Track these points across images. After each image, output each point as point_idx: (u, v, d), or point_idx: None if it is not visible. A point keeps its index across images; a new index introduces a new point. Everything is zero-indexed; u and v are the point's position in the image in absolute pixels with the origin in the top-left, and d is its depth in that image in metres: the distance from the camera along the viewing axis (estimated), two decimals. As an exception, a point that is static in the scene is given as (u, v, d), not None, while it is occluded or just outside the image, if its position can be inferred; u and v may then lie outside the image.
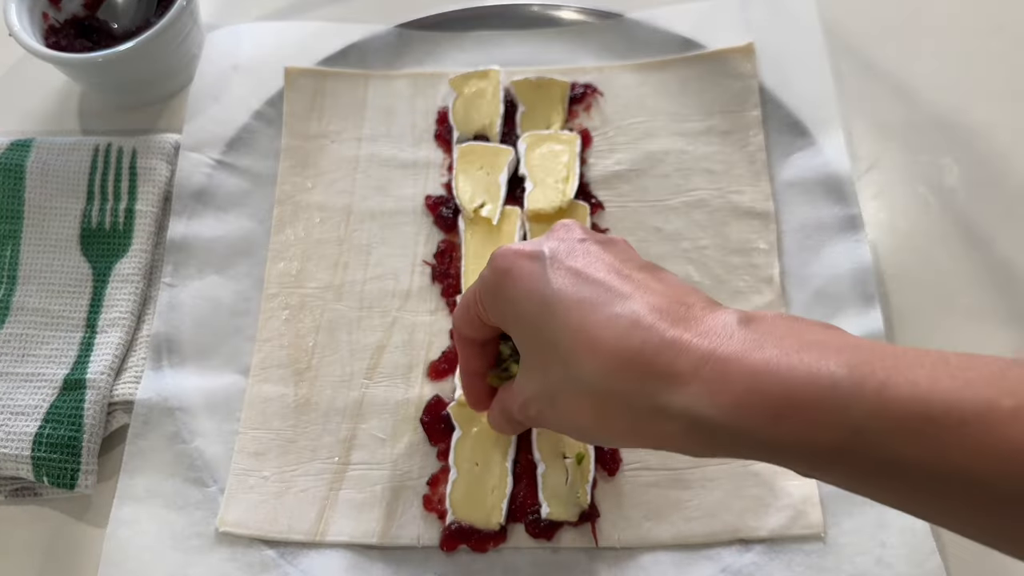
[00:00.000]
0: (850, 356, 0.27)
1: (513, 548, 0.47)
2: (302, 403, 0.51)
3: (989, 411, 0.25)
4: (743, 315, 0.30)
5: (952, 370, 0.26)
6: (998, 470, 0.24)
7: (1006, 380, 0.25)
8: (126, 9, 0.62)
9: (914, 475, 0.26)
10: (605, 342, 0.30)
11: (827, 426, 0.26)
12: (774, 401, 0.27)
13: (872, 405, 0.26)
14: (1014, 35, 0.61)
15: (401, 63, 0.63)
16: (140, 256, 0.55)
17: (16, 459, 0.48)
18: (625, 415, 0.31)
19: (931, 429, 0.25)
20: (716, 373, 0.28)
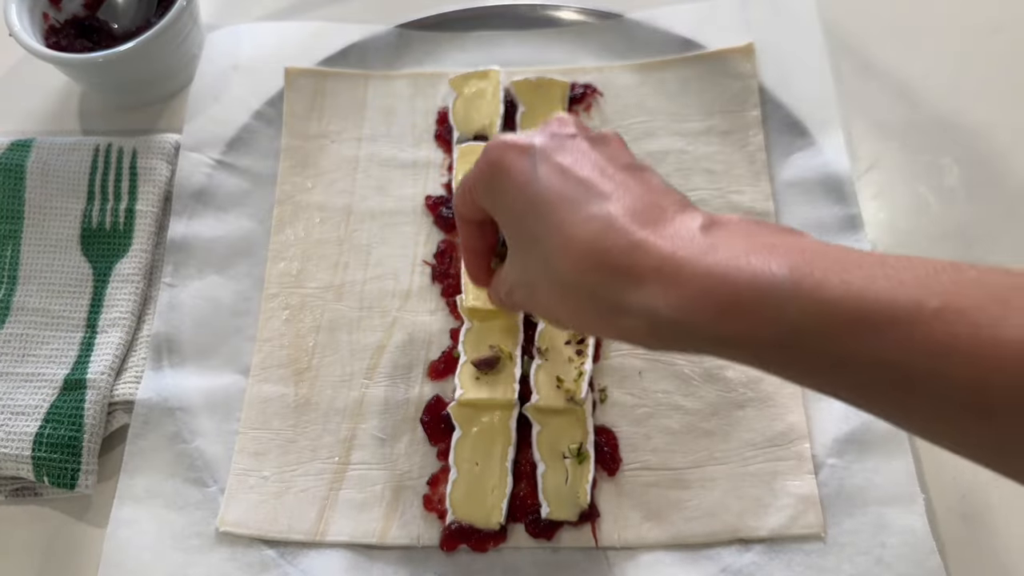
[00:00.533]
0: (793, 258, 0.29)
1: (513, 548, 0.47)
2: (302, 403, 0.51)
3: (916, 309, 0.26)
4: (708, 219, 0.32)
5: (887, 271, 0.27)
6: (922, 367, 0.26)
7: (936, 282, 0.27)
8: (126, 9, 0.62)
9: (849, 371, 0.28)
10: (579, 241, 0.32)
11: (767, 323, 0.28)
12: (720, 300, 0.29)
13: (807, 304, 0.27)
14: (1014, 35, 0.61)
15: (401, 63, 0.63)
16: (140, 256, 0.55)
17: (16, 459, 0.48)
18: (593, 310, 0.33)
19: (861, 327, 0.27)
20: (671, 274, 0.30)
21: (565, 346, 0.51)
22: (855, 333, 0.27)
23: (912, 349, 0.26)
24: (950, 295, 0.26)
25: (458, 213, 0.42)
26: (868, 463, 0.47)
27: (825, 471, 0.47)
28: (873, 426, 0.47)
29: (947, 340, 0.26)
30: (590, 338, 0.51)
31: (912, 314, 0.26)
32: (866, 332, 0.27)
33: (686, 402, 0.50)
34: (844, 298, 0.27)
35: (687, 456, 0.49)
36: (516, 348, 0.51)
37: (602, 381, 0.51)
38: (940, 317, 0.26)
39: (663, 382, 0.51)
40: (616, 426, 0.50)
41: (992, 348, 0.25)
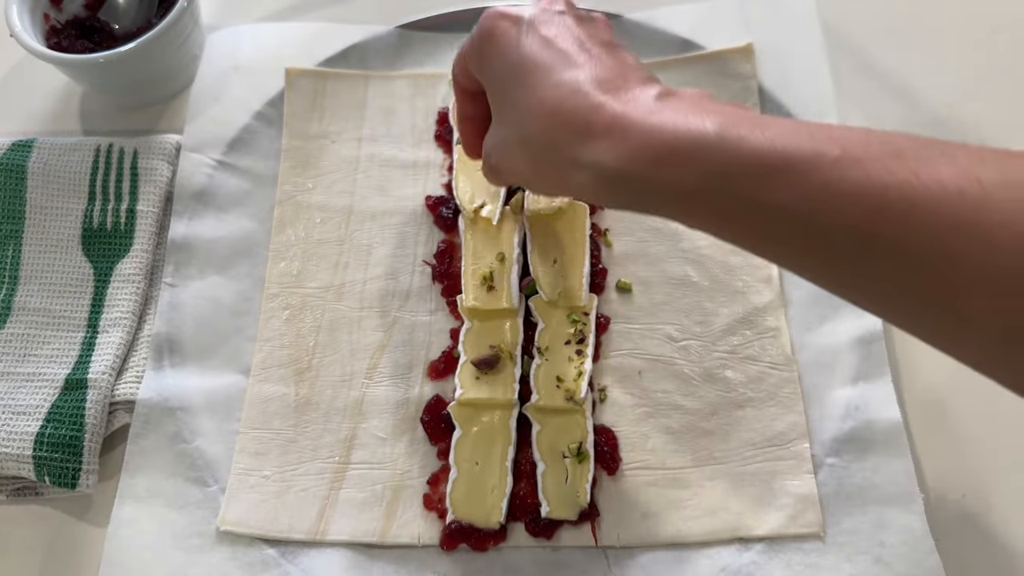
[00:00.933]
0: (726, 118, 0.31)
1: (513, 547, 0.47)
2: (303, 403, 0.51)
3: (817, 158, 0.29)
4: (664, 90, 0.35)
5: (805, 129, 0.30)
6: (815, 209, 0.29)
7: (843, 137, 0.29)
8: (127, 10, 0.62)
9: (756, 216, 0.30)
10: (547, 102, 0.35)
11: (692, 171, 0.31)
12: (656, 151, 0.32)
13: (727, 153, 0.30)
14: (1013, 35, 0.62)
15: (401, 64, 0.63)
16: (141, 256, 0.55)
17: (18, 459, 0.48)
18: (553, 166, 0.36)
19: (767, 172, 0.30)
20: (620, 131, 0.33)
21: (565, 346, 0.51)
22: (762, 178, 0.30)
23: (808, 193, 0.29)
24: (851, 147, 0.29)
25: (455, 82, 0.45)
26: (867, 463, 0.47)
27: (824, 471, 0.47)
28: (873, 426, 0.48)
29: (839, 184, 0.28)
30: (590, 337, 0.51)
31: (813, 161, 0.29)
32: (772, 177, 0.29)
33: (685, 402, 0.50)
34: (758, 148, 0.30)
35: (686, 456, 0.49)
36: (516, 348, 0.51)
37: (602, 381, 0.51)
38: (838, 164, 0.28)
39: (663, 382, 0.51)
40: (616, 426, 0.50)
41: (880, 192, 0.27)
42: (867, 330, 0.50)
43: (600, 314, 0.53)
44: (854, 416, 0.48)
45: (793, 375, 0.50)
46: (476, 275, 0.53)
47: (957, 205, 0.26)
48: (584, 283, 0.52)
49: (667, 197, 0.33)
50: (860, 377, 0.49)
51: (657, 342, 0.52)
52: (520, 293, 0.52)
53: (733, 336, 0.52)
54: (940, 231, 0.26)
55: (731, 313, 0.52)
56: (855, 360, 0.50)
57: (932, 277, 0.27)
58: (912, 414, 0.49)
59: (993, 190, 0.26)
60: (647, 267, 0.54)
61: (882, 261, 0.28)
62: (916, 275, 0.27)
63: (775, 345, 0.51)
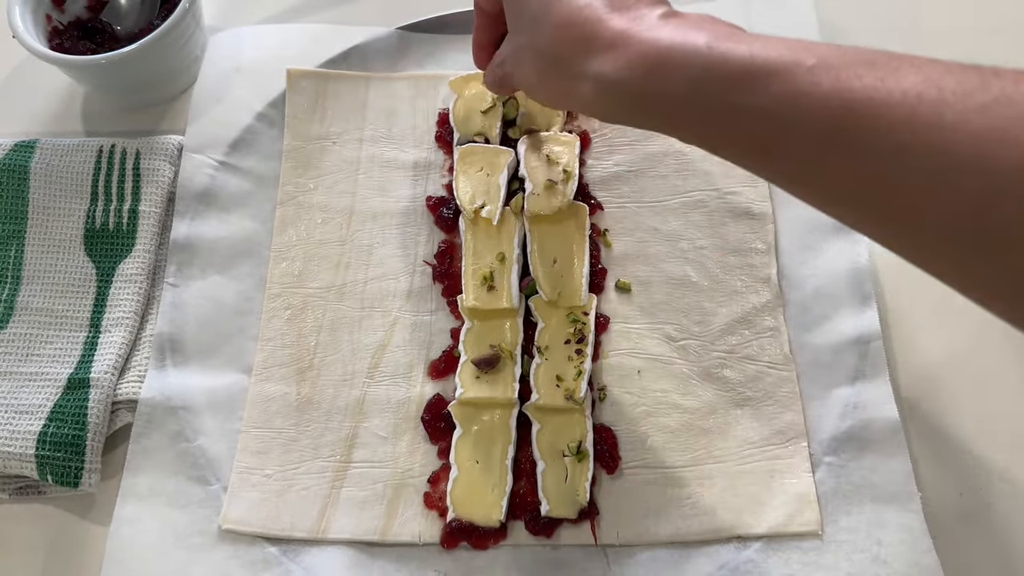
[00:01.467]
0: (718, 32, 0.33)
1: (513, 545, 0.47)
2: (304, 402, 0.52)
3: (794, 66, 0.30)
4: (670, 11, 0.36)
5: (786, 42, 0.32)
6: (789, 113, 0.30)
7: (821, 49, 0.31)
8: (129, 11, 0.62)
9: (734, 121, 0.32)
10: (561, 16, 0.37)
11: (680, 78, 0.33)
12: (650, 61, 0.34)
13: (712, 61, 0.32)
14: (1012, 37, 0.62)
15: (402, 65, 0.63)
16: (144, 256, 0.55)
17: (20, 457, 0.49)
18: (558, 76, 0.38)
19: (748, 79, 0.31)
20: (622, 44, 0.35)
21: (565, 345, 0.51)
22: (742, 84, 0.31)
23: (783, 96, 0.30)
24: (827, 57, 0.30)
25: (475, 2, 0.47)
26: (865, 461, 0.47)
27: (822, 469, 0.48)
28: (871, 425, 0.48)
29: (811, 88, 0.30)
30: (590, 337, 0.51)
31: (790, 68, 0.30)
32: (751, 82, 0.31)
33: (684, 401, 0.50)
34: (741, 56, 0.32)
35: (685, 454, 0.49)
36: (516, 347, 0.51)
37: (601, 380, 0.51)
38: (812, 71, 0.30)
39: (662, 381, 0.51)
40: (615, 425, 0.50)
41: (846, 95, 0.29)
42: (865, 330, 0.50)
43: (600, 314, 0.53)
44: (852, 415, 0.48)
45: (791, 374, 0.50)
46: (476, 275, 0.53)
47: (914, 106, 0.27)
48: (584, 283, 0.52)
49: (657, 105, 0.35)
50: (858, 376, 0.49)
51: (656, 342, 0.52)
52: (520, 293, 0.53)
53: (732, 336, 0.52)
54: (894, 127, 0.28)
55: (730, 313, 0.53)
56: (853, 359, 0.50)
57: (885, 172, 0.28)
58: (910, 413, 0.49)
59: (948, 95, 0.27)
60: (646, 267, 0.54)
61: (842, 158, 0.29)
62: (871, 170, 0.29)
63: (773, 345, 0.51)
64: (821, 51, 0.31)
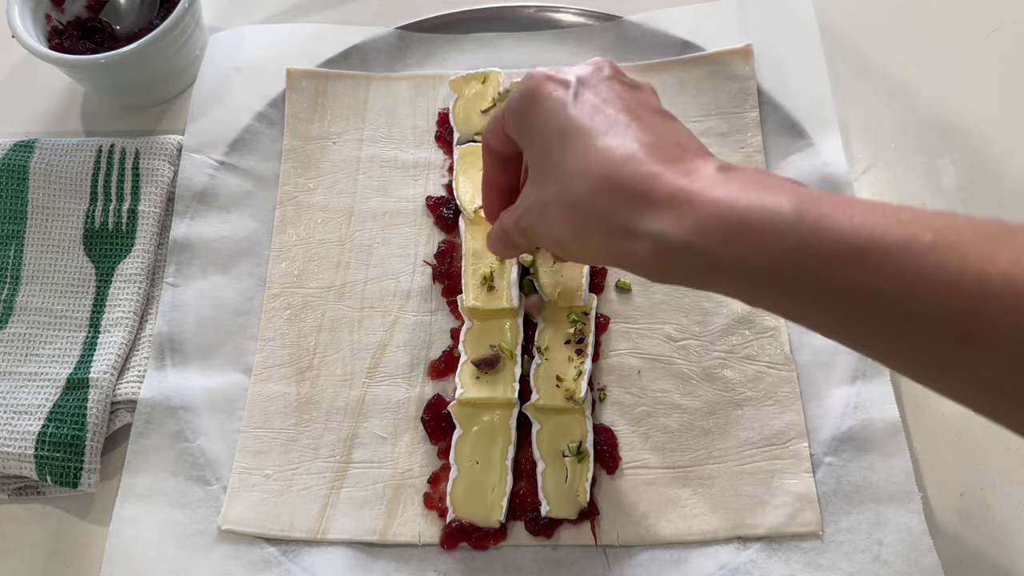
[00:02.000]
0: (801, 195, 0.30)
1: (513, 546, 0.47)
2: (304, 402, 0.52)
3: (910, 242, 0.28)
4: (724, 164, 0.33)
5: (888, 211, 0.29)
6: (910, 296, 0.27)
7: (932, 221, 0.28)
8: (129, 11, 0.62)
9: (839, 299, 0.29)
10: (599, 166, 0.34)
11: (768, 248, 0.30)
12: (727, 224, 0.31)
13: (808, 232, 0.29)
14: (1011, 36, 0.62)
15: (402, 65, 0.63)
16: (143, 256, 0.55)
17: (20, 458, 0.49)
18: (601, 233, 0.34)
19: (855, 256, 0.28)
20: (683, 202, 0.32)
21: (565, 346, 0.51)
22: (850, 261, 0.28)
23: (902, 279, 0.28)
24: (943, 231, 0.28)
25: (485, 144, 0.44)
26: (865, 461, 0.47)
27: (823, 469, 0.48)
28: (871, 425, 0.48)
29: (936, 272, 0.27)
30: (590, 337, 0.51)
31: (905, 246, 0.28)
32: (860, 261, 0.28)
33: (685, 401, 0.50)
34: (842, 229, 0.29)
35: (685, 455, 0.49)
36: (516, 348, 0.51)
37: (601, 380, 0.51)
38: (932, 250, 0.27)
39: (662, 381, 0.51)
40: (615, 425, 0.50)
41: (980, 280, 0.26)
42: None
43: (600, 314, 0.53)
44: (852, 415, 0.48)
45: (792, 374, 0.50)
46: (476, 275, 0.53)
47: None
48: (584, 283, 0.52)
49: (734, 274, 0.31)
50: (858, 376, 0.49)
51: (656, 342, 0.52)
52: (520, 293, 0.53)
53: (732, 336, 0.52)
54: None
55: (730, 313, 0.52)
56: (853, 359, 0.50)
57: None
58: (910, 413, 0.49)
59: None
60: (646, 267, 0.54)
61: (983, 352, 0.27)
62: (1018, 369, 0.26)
63: (774, 344, 0.51)
64: (935, 224, 0.28)
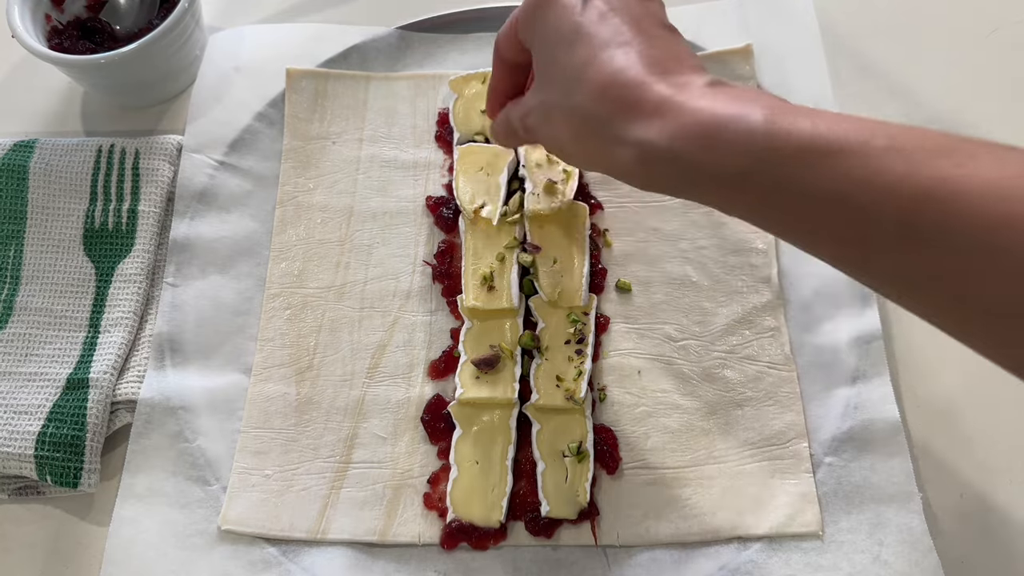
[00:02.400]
0: (775, 106, 0.32)
1: (513, 546, 0.47)
2: (304, 402, 0.52)
3: (863, 146, 0.29)
4: (715, 79, 0.35)
5: (852, 120, 0.31)
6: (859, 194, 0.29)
7: (890, 129, 0.30)
8: (128, 11, 0.62)
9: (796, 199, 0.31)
10: (601, 74, 0.35)
11: (739, 152, 0.31)
12: (704, 131, 0.32)
13: (777, 138, 0.31)
14: (1011, 36, 0.62)
15: (402, 65, 0.63)
16: (143, 256, 0.55)
17: (19, 458, 0.49)
18: (596, 138, 0.36)
19: (814, 157, 0.30)
20: (670, 110, 0.33)
21: (565, 345, 0.51)
22: (808, 162, 0.30)
23: (854, 179, 0.29)
24: (898, 139, 0.29)
25: (496, 49, 0.45)
26: (866, 461, 0.47)
27: (823, 470, 0.48)
28: (871, 425, 0.48)
29: (885, 172, 0.29)
30: (590, 337, 0.51)
31: (860, 149, 0.29)
32: (818, 161, 0.30)
33: (685, 401, 0.50)
34: (804, 132, 0.30)
35: (685, 455, 0.49)
36: (516, 348, 0.51)
37: (601, 380, 0.51)
38: (884, 153, 0.29)
39: (662, 381, 0.51)
40: (615, 425, 0.50)
41: (924, 182, 0.28)
42: (866, 330, 0.50)
43: (600, 314, 0.53)
44: (853, 415, 0.48)
45: (792, 374, 0.50)
46: (476, 275, 0.53)
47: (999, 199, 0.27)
48: (584, 283, 0.52)
49: (709, 178, 0.33)
50: (859, 376, 0.49)
51: (656, 342, 0.52)
52: (520, 293, 0.53)
53: (732, 336, 0.52)
54: (979, 221, 0.27)
55: (730, 313, 0.52)
56: (854, 360, 0.50)
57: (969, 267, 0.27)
58: (910, 413, 0.49)
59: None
60: (647, 267, 0.54)
61: (921, 249, 0.28)
62: (954, 265, 0.28)
63: (774, 345, 0.51)
64: (891, 131, 0.30)
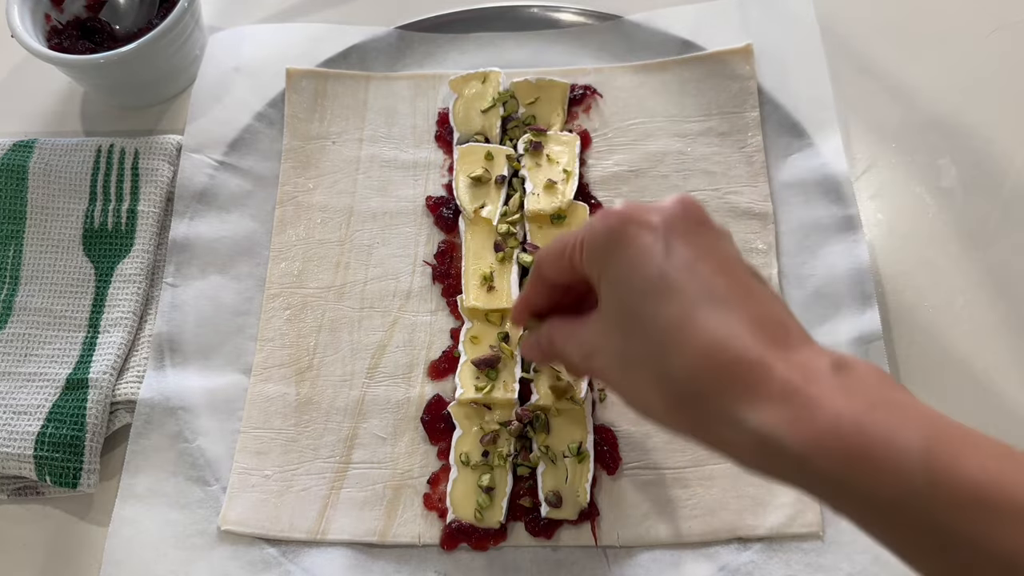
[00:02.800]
0: (927, 426, 0.28)
1: (513, 546, 0.47)
2: (304, 402, 0.52)
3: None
4: (837, 359, 0.31)
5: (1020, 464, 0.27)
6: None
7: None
8: (128, 11, 0.62)
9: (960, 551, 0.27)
10: (701, 342, 0.31)
11: (892, 482, 0.27)
12: (850, 449, 0.28)
13: (938, 479, 0.27)
14: (1011, 36, 0.62)
15: (402, 65, 0.63)
16: (142, 256, 0.55)
17: (19, 458, 0.49)
18: (696, 413, 0.31)
19: (987, 510, 0.26)
20: (802, 406, 0.29)
21: (565, 346, 0.51)
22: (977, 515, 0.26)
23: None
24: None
25: (541, 271, 0.40)
26: (866, 462, 0.47)
27: (823, 470, 0.48)
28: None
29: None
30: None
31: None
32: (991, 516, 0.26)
33: (685, 401, 0.50)
34: (973, 479, 0.27)
35: (686, 455, 0.49)
36: (516, 348, 0.51)
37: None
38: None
39: (662, 381, 0.51)
40: (615, 425, 0.50)
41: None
42: (866, 330, 0.50)
43: (600, 314, 0.53)
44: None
45: (792, 375, 0.50)
46: (476, 275, 0.53)
47: None
48: (584, 283, 0.52)
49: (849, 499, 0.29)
50: (859, 377, 0.49)
51: (657, 342, 0.52)
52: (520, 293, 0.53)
53: (732, 336, 0.52)
54: None
55: (730, 313, 0.52)
56: (854, 360, 0.50)
57: None
58: (911, 414, 0.49)
59: None
60: (647, 267, 0.54)
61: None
62: None
63: (774, 345, 0.51)
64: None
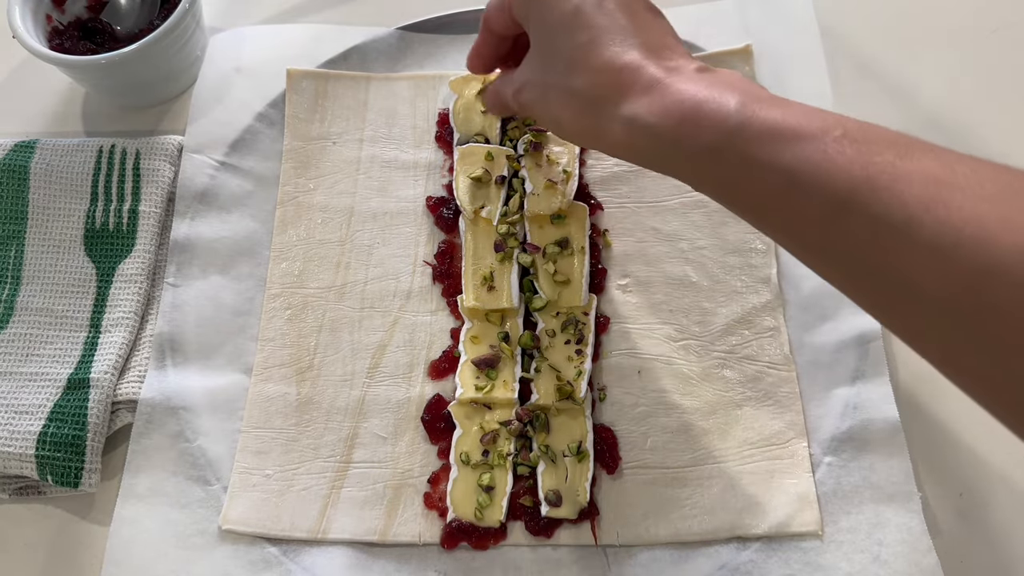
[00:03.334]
0: (751, 94, 0.35)
1: (513, 546, 0.47)
2: (304, 402, 0.52)
3: (821, 132, 0.32)
4: (702, 65, 0.38)
5: (816, 111, 0.34)
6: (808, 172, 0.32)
7: (848, 123, 0.33)
8: (129, 11, 0.62)
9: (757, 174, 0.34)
10: (600, 61, 0.39)
11: (710, 130, 0.35)
12: (684, 110, 0.36)
13: (745, 122, 0.34)
14: (1011, 36, 0.62)
15: (402, 65, 0.63)
16: (144, 256, 0.55)
17: (20, 458, 0.49)
18: (593, 117, 0.39)
19: (776, 140, 0.33)
20: (658, 92, 0.37)
21: (565, 345, 0.51)
22: (767, 141, 0.33)
23: (806, 159, 0.32)
24: (854, 131, 0.32)
25: (485, 20, 0.47)
26: (865, 461, 0.47)
27: (822, 469, 0.48)
28: (871, 425, 0.48)
29: (833, 156, 0.32)
30: (590, 337, 0.51)
31: (816, 134, 0.32)
32: (776, 141, 0.33)
33: (684, 401, 0.50)
34: (772, 118, 0.34)
35: (685, 454, 0.49)
36: (516, 348, 0.51)
37: (601, 380, 0.51)
38: (837, 141, 0.32)
39: (662, 381, 0.51)
40: (615, 425, 0.50)
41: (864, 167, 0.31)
42: (865, 330, 0.50)
43: (600, 314, 0.53)
44: (852, 415, 0.48)
45: (791, 374, 0.50)
46: (476, 275, 0.53)
47: (927, 184, 0.29)
48: (584, 283, 0.52)
49: (684, 153, 0.36)
50: (858, 376, 0.49)
51: (656, 342, 0.52)
52: (520, 293, 0.53)
53: (732, 336, 0.52)
54: (907, 200, 0.29)
55: (730, 313, 0.53)
56: (853, 359, 0.50)
57: (892, 242, 0.30)
58: (910, 413, 0.49)
59: (960, 179, 0.29)
60: (646, 267, 0.54)
61: (853, 223, 0.31)
62: (879, 238, 0.30)
63: (773, 345, 0.51)
64: (849, 125, 0.33)
